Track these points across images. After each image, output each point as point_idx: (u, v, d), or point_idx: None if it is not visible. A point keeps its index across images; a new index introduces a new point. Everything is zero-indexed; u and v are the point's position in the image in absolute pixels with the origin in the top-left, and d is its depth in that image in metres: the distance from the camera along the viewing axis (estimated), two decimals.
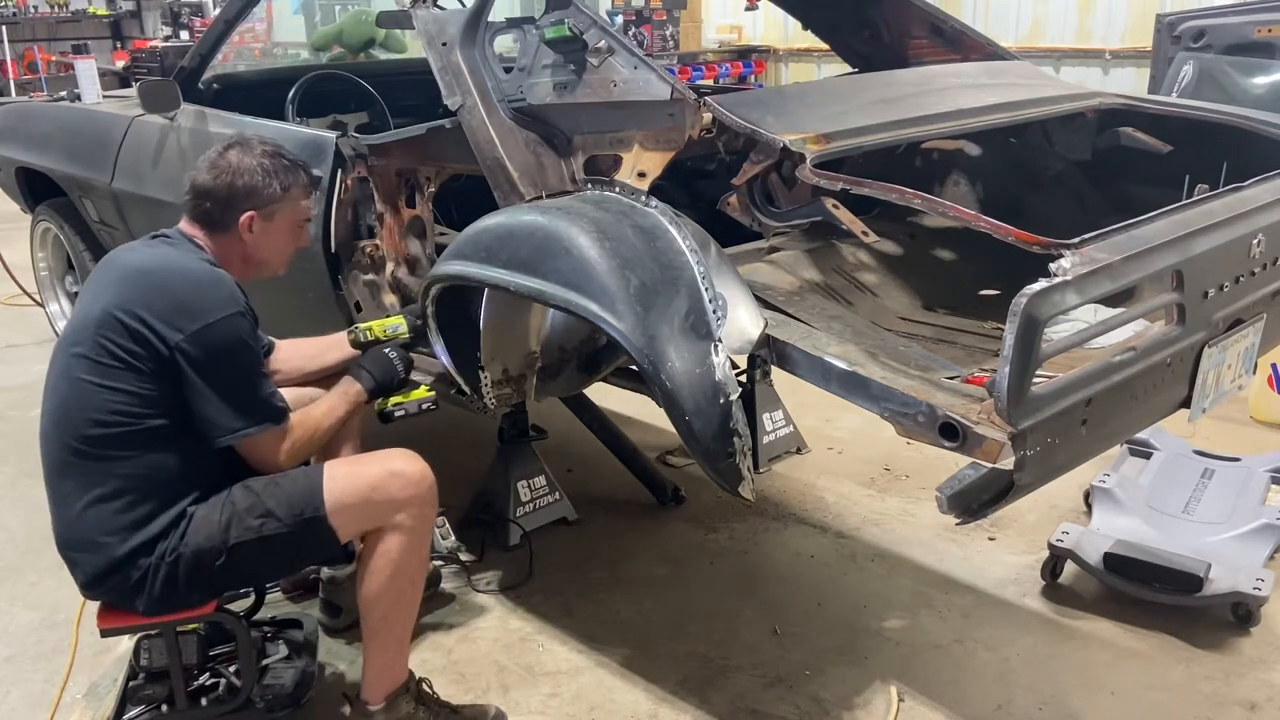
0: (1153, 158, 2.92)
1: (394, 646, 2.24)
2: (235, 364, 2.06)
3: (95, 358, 2.03)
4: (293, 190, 2.24)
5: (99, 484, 2.05)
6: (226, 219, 2.19)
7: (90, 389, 2.03)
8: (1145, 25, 6.65)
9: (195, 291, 2.06)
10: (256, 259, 2.26)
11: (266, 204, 2.20)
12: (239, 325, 2.07)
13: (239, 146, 2.22)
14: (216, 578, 2.09)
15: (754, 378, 3.47)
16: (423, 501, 2.17)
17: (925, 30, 3.30)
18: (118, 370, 2.02)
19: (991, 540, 3.13)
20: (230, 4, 3.47)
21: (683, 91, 2.31)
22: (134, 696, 2.28)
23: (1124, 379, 1.89)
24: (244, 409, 2.07)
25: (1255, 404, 3.94)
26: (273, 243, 2.26)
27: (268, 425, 2.10)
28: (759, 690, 2.49)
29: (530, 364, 2.63)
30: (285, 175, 2.23)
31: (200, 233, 2.21)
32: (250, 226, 2.20)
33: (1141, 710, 2.42)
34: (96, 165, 3.78)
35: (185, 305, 2.03)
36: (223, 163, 2.19)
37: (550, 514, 3.20)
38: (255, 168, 2.19)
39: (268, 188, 2.20)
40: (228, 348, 2.05)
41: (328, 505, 2.09)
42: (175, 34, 11.96)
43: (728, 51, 9.97)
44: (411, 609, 2.24)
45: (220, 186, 2.18)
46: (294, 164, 2.27)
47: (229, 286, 2.11)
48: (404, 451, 2.21)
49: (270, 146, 2.26)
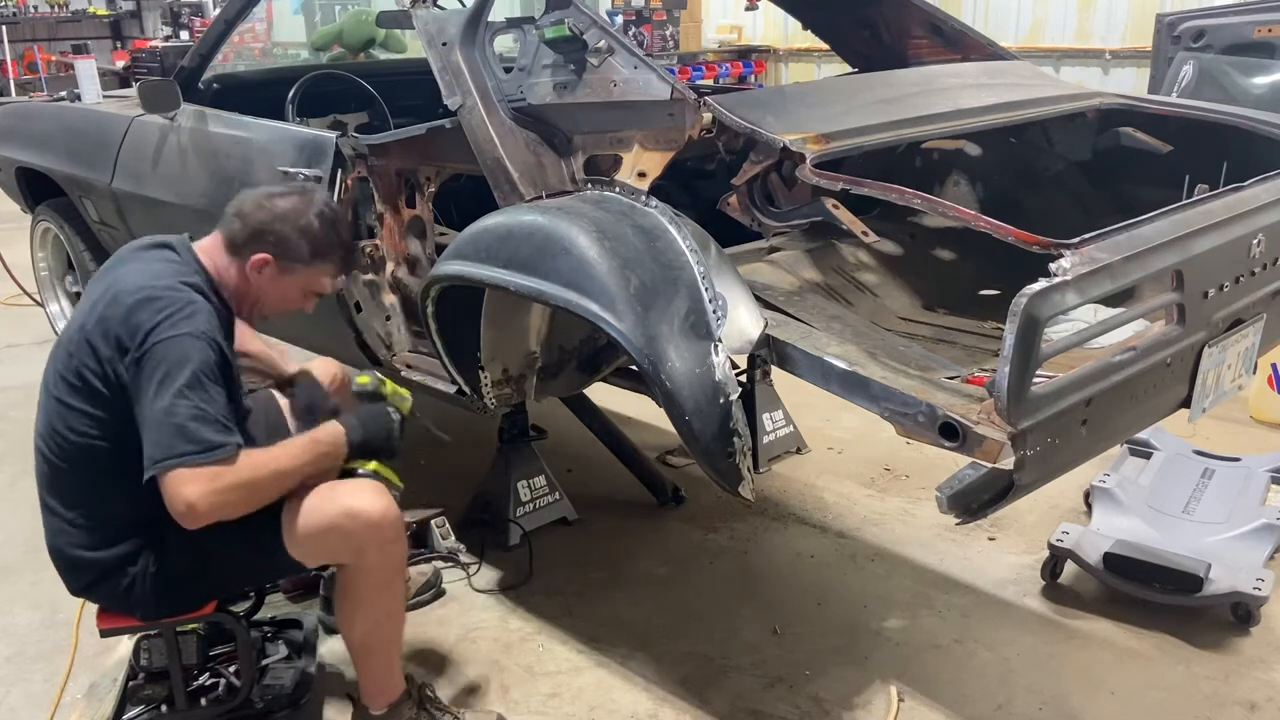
0: (1153, 158, 2.92)
1: (380, 669, 2.21)
2: (168, 389, 1.87)
3: (67, 376, 2.01)
4: (319, 264, 2.15)
5: (80, 498, 2.05)
6: (244, 250, 2.11)
7: (63, 407, 2.02)
8: (1145, 25, 6.66)
9: (151, 312, 1.93)
10: (250, 297, 2.16)
11: (287, 259, 2.12)
12: (188, 348, 1.91)
13: (299, 196, 2.15)
14: (200, 587, 2.10)
15: (754, 378, 3.47)
16: (385, 541, 2.05)
17: (925, 30, 3.30)
18: (79, 391, 1.99)
19: (991, 540, 3.13)
20: (230, 4, 3.47)
21: (683, 91, 2.31)
22: (134, 696, 2.29)
23: (1124, 379, 1.89)
24: (162, 438, 1.86)
25: (1255, 404, 3.94)
26: (276, 292, 2.16)
27: (186, 458, 1.85)
28: (759, 690, 2.49)
29: (530, 364, 2.63)
30: (322, 245, 2.14)
31: (216, 245, 2.13)
32: (260, 268, 2.11)
33: (1141, 710, 2.42)
34: (96, 165, 3.78)
35: (138, 326, 1.93)
36: (274, 203, 2.12)
37: (550, 514, 3.20)
38: (299, 224, 2.11)
39: (297, 246, 2.11)
40: (165, 370, 1.89)
41: (285, 538, 2.03)
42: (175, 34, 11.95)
43: (728, 51, 9.97)
44: (391, 636, 2.20)
45: (256, 220, 2.10)
46: (340, 242, 2.18)
47: (191, 309, 1.96)
48: (369, 486, 2.07)
49: (330, 213, 2.16)
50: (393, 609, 2.18)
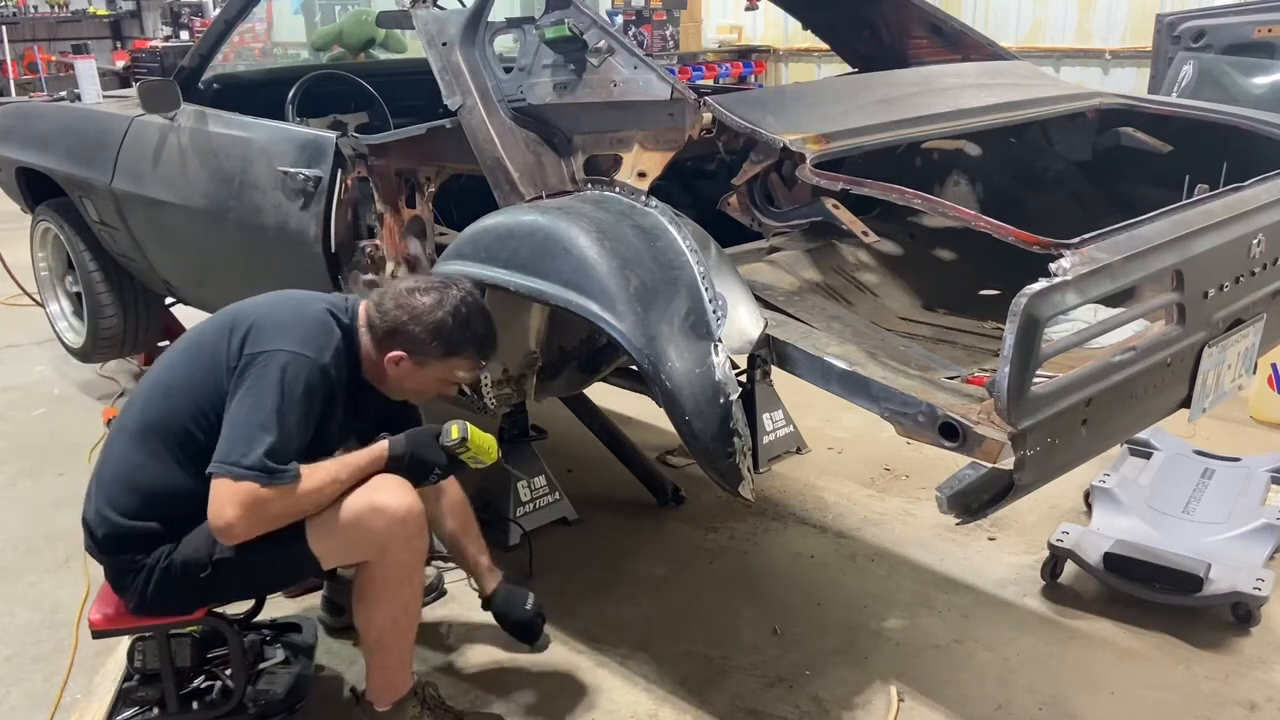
0: (1153, 158, 2.92)
1: (393, 664, 2.23)
2: (262, 396, 1.97)
3: (204, 358, 2.08)
4: (454, 360, 2.16)
5: (157, 465, 2.07)
6: (383, 344, 2.14)
7: (192, 382, 2.08)
8: (1145, 25, 6.66)
9: (286, 323, 2.06)
10: (388, 383, 2.20)
11: (421, 355, 2.13)
12: (302, 367, 2.01)
13: (438, 291, 2.13)
14: (204, 589, 2.10)
15: (754, 378, 3.47)
16: (409, 536, 2.09)
17: (925, 30, 3.30)
18: (207, 375, 2.05)
19: (991, 540, 3.13)
20: (230, 4, 3.47)
21: (683, 91, 2.31)
22: (127, 698, 2.29)
23: (1124, 379, 1.89)
24: (233, 444, 1.95)
25: (1255, 404, 3.94)
26: (413, 384, 2.20)
27: (252, 473, 1.92)
28: (759, 690, 2.49)
29: (530, 364, 2.63)
30: (455, 344, 2.13)
31: (366, 325, 2.17)
32: (397, 363, 2.14)
33: (1141, 710, 2.42)
34: (96, 165, 3.78)
35: (268, 330, 2.05)
36: (411, 300, 2.12)
37: (550, 514, 3.20)
38: (431, 323, 2.10)
39: (429, 346, 2.12)
40: (271, 378, 1.98)
41: (309, 534, 2.05)
42: (175, 34, 11.95)
43: (728, 51, 9.97)
44: (408, 631, 2.22)
45: (394, 318, 2.11)
46: (474, 338, 2.15)
47: (324, 336, 2.07)
48: (393, 481, 2.10)
49: (466, 308, 2.13)
50: (411, 603, 2.20)
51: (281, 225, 2.96)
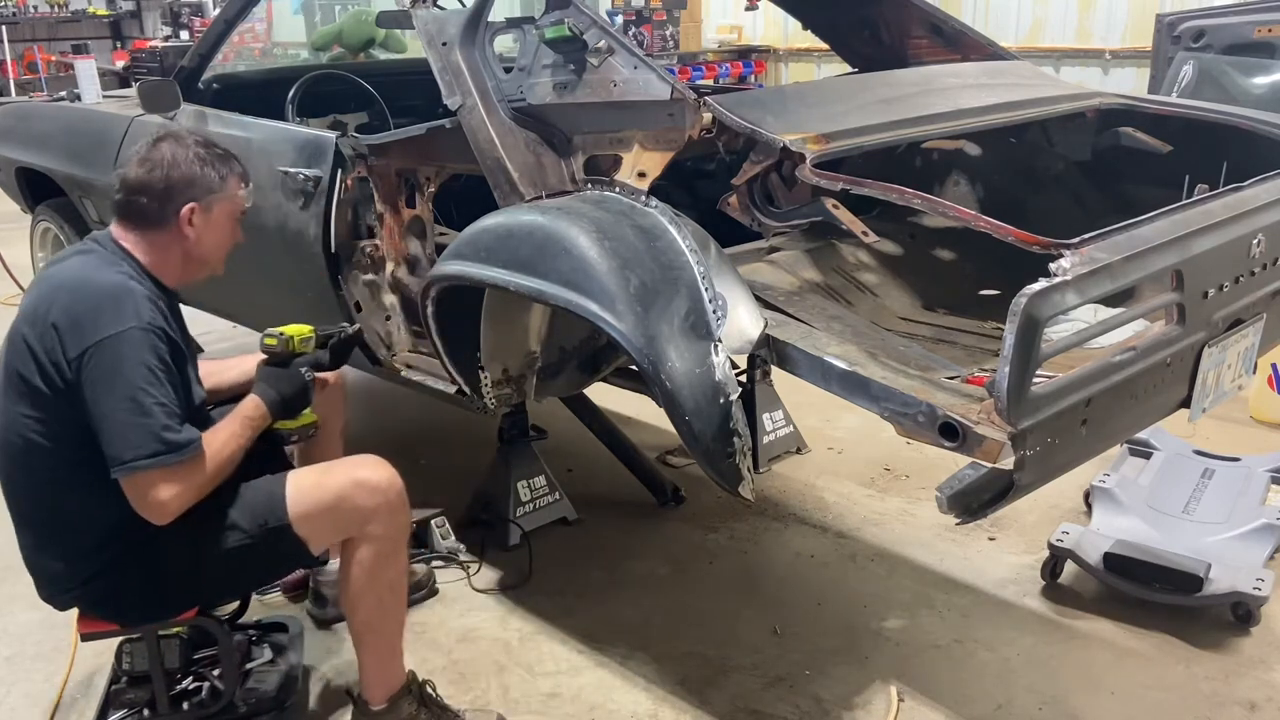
0: (1153, 158, 2.92)
1: (384, 651, 2.23)
2: (123, 385, 1.89)
3: (11, 382, 1.99)
4: (229, 180, 2.14)
5: (47, 510, 2.04)
6: (165, 213, 2.07)
7: (12, 414, 2.00)
8: (1145, 25, 6.66)
9: (90, 308, 1.93)
10: (197, 256, 2.14)
11: (205, 194, 2.09)
12: (136, 341, 1.91)
13: (171, 139, 2.11)
14: (191, 589, 2.09)
15: (754, 378, 3.47)
16: (392, 509, 2.11)
17: (925, 30, 3.30)
18: (24, 396, 1.97)
19: (991, 540, 3.13)
20: (230, 4, 3.47)
21: (683, 91, 2.31)
22: (116, 700, 2.28)
23: (1124, 379, 1.89)
24: (129, 437, 1.88)
25: (1255, 404, 3.94)
26: (213, 238, 2.14)
27: (159, 458, 1.88)
28: (759, 690, 2.49)
29: (530, 364, 2.63)
30: (220, 165, 2.12)
31: (134, 235, 2.09)
32: (190, 219, 2.08)
33: (1141, 710, 2.42)
34: (96, 165, 3.78)
35: (78, 324, 1.92)
36: (156, 155, 2.08)
37: (550, 514, 3.20)
38: (191, 159, 2.08)
39: (205, 178, 2.09)
40: (116, 367, 1.89)
41: (291, 515, 2.05)
42: (175, 34, 11.96)
43: (728, 51, 9.97)
44: (396, 615, 2.22)
45: (155, 180, 2.06)
46: (227, 154, 2.16)
47: (131, 300, 1.96)
48: (371, 458, 2.15)
49: (200, 137, 2.16)
50: (396, 582, 2.19)
51: (281, 225, 2.96)
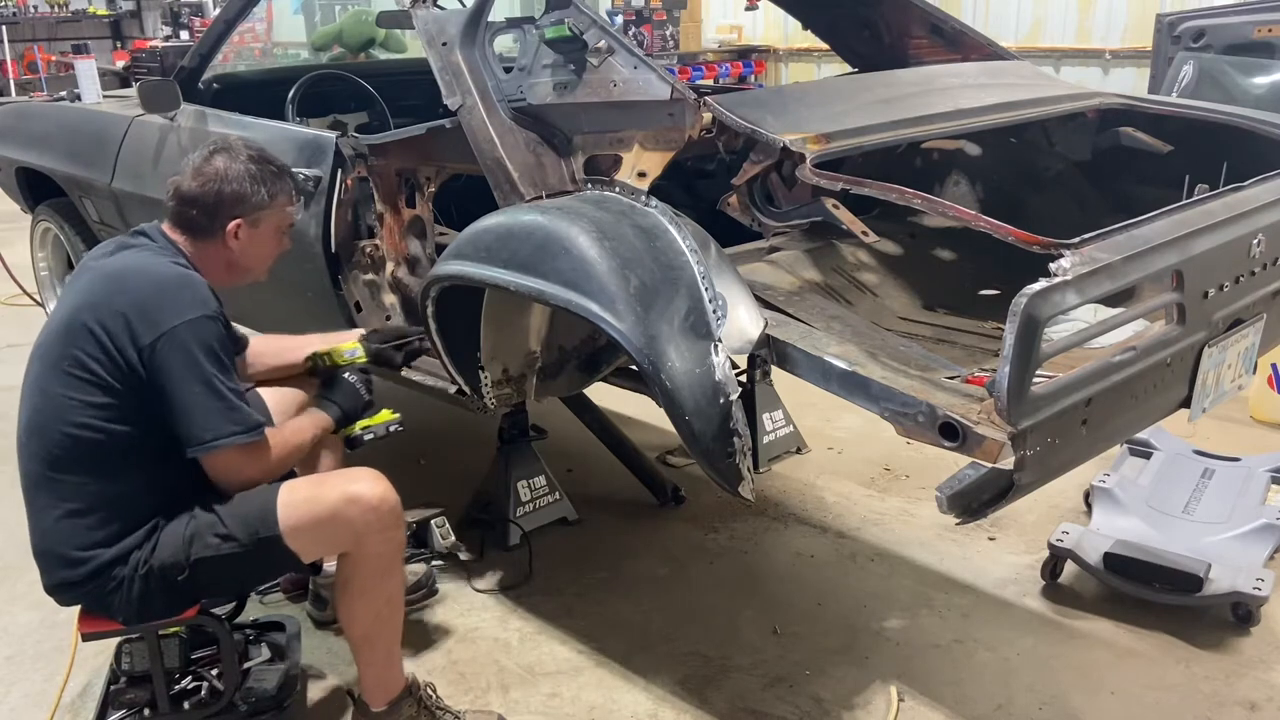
0: (1153, 158, 2.92)
1: (382, 660, 2.23)
2: (199, 371, 1.97)
3: (65, 369, 1.99)
4: (279, 198, 2.20)
5: (72, 499, 2.03)
6: (213, 226, 2.14)
7: (61, 401, 2.00)
8: (1145, 25, 6.65)
9: (160, 296, 1.99)
10: (241, 266, 2.21)
11: (253, 211, 2.15)
12: (205, 329, 2.00)
13: (225, 152, 2.17)
14: (186, 590, 2.09)
15: (754, 378, 3.48)
16: (385, 526, 2.09)
17: (925, 30, 3.30)
18: (86, 382, 1.98)
19: (991, 540, 3.13)
20: (230, 4, 3.47)
21: (683, 91, 2.31)
22: (115, 701, 2.27)
23: (1124, 379, 1.89)
24: (209, 420, 1.98)
25: (1255, 404, 3.94)
26: (258, 250, 2.22)
27: (235, 438, 1.99)
28: (759, 690, 2.49)
29: (530, 364, 2.63)
30: (272, 182, 2.18)
31: (183, 238, 2.15)
32: (237, 234, 2.15)
33: (1141, 710, 2.42)
34: (96, 165, 3.78)
35: (148, 312, 1.97)
36: (209, 169, 2.14)
37: (550, 514, 3.20)
38: (242, 174, 2.14)
39: (255, 195, 2.15)
40: (190, 354, 1.97)
41: (282, 527, 2.04)
42: (175, 34, 11.94)
43: (728, 51, 9.96)
44: (393, 625, 2.22)
45: (207, 194, 2.12)
46: (280, 170, 2.22)
47: (198, 289, 2.04)
48: (367, 472, 2.14)
49: (255, 151, 2.20)
50: (393, 595, 2.19)
51: None
